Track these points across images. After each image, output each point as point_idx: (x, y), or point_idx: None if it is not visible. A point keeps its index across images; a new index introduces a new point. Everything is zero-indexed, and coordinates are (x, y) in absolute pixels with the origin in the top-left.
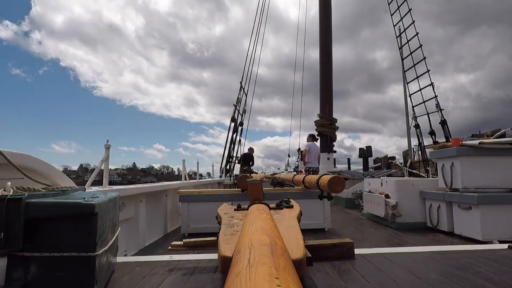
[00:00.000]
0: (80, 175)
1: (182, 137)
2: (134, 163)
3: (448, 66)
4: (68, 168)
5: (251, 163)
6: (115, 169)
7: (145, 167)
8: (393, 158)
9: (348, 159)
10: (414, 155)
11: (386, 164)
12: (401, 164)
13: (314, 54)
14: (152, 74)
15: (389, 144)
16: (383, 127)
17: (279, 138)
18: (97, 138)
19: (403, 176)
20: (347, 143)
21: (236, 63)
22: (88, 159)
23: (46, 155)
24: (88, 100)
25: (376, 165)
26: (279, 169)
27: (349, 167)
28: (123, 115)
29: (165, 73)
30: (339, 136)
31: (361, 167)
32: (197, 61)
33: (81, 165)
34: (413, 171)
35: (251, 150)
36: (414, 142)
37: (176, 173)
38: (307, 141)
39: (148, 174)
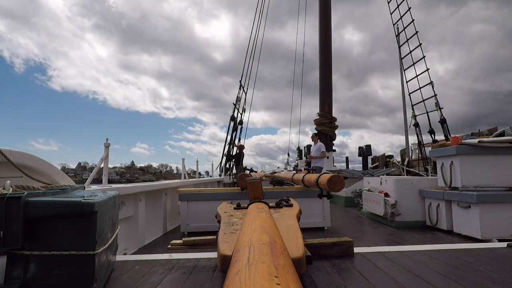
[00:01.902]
0: (78, 173)
1: (164, 134)
2: (132, 161)
3: (433, 53)
4: (66, 167)
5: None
6: (113, 168)
7: (143, 165)
8: (391, 156)
9: (347, 158)
10: (411, 154)
11: (384, 162)
12: (399, 163)
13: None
14: (102, 63)
15: (380, 141)
16: (371, 123)
17: (265, 136)
18: (75, 135)
19: (401, 175)
20: (337, 141)
21: (197, 50)
22: (73, 156)
23: (32, 152)
24: (38, 93)
25: (374, 164)
26: (278, 167)
27: (347, 166)
28: (88, 111)
29: (117, 62)
30: None
31: (358, 165)
32: (151, 45)
33: (79, 163)
34: (411, 169)
35: (241, 147)
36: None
37: (175, 171)
38: (319, 142)
39: (147, 172)
